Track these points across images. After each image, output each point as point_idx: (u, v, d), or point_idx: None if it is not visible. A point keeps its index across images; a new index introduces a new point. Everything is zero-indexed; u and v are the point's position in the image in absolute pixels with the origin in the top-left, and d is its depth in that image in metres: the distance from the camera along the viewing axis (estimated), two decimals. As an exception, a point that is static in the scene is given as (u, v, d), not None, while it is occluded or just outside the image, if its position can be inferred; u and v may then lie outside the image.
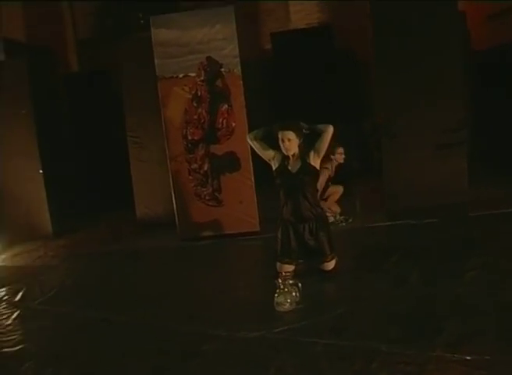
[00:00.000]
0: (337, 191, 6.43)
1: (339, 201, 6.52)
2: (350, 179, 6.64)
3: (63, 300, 4.52)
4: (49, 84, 7.39)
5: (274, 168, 4.32)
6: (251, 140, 4.41)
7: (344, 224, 6.05)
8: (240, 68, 5.66)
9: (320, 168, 6.13)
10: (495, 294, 3.58)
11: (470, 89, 7.11)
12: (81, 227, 7.13)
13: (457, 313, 3.34)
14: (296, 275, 4.20)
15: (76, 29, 9.68)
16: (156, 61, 5.73)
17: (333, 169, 6.32)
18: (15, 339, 3.77)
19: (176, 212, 5.99)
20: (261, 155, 4.43)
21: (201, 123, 5.79)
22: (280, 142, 4.18)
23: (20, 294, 4.79)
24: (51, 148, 6.96)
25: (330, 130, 4.16)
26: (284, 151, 4.20)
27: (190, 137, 5.83)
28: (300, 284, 3.84)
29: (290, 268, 4.32)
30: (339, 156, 6.25)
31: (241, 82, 5.68)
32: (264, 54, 8.88)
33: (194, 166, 5.87)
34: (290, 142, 4.15)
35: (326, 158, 6.27)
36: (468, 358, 2.76)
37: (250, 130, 5.12)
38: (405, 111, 5.63)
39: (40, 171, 6.81)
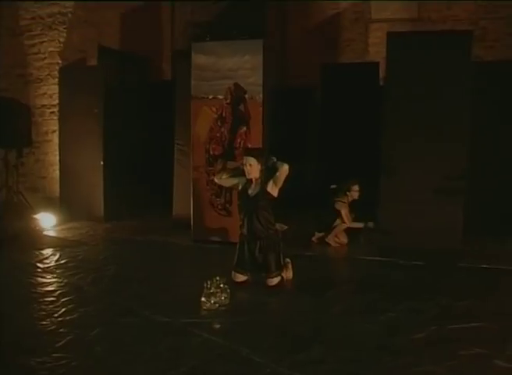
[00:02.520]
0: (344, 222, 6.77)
1: (347, 232, 6.87)
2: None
3: (64, 268, 5.50)
4: (127, 89, 8.63)
5: (238, 190, 4.94)
6: (218, 179, 5.14)
7: None
8: (261, 96, 6.28)
9: (338, 202, 6.64)
10: (387, 339, 3.72)
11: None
12: (127, 217, 8.19)
13: (336, 346, 3.59)
14: (248, 284, 4.84)
15: (173, 39, 10.86)
16: (192, 82, 6.56)
17: (348, 203, 6.72)
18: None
19: (191, 216, 6.77)
20: (229, 186, 5.20)
21: (222, 141, 6.51)
22: (243, 166, 4.79)
23: (41, 257, 5.91)
24: (114, 144, 8.11)
25: (285, 168, 4.67)
26: (246, 174, 4.79)
27: (211, 152, 6.58)
28: (228, 290, 4.40)
29: (242, 278, 4.92)
30: (354, 193, 6.67)
31: (261, 108, 6.30)
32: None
33: (212, 177, 6.59)
34: (251, 167, 4.75)
35: (343, 194, 6.70)
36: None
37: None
38: (407, 152, 5.87)
39: (102, 163, 7.99)
